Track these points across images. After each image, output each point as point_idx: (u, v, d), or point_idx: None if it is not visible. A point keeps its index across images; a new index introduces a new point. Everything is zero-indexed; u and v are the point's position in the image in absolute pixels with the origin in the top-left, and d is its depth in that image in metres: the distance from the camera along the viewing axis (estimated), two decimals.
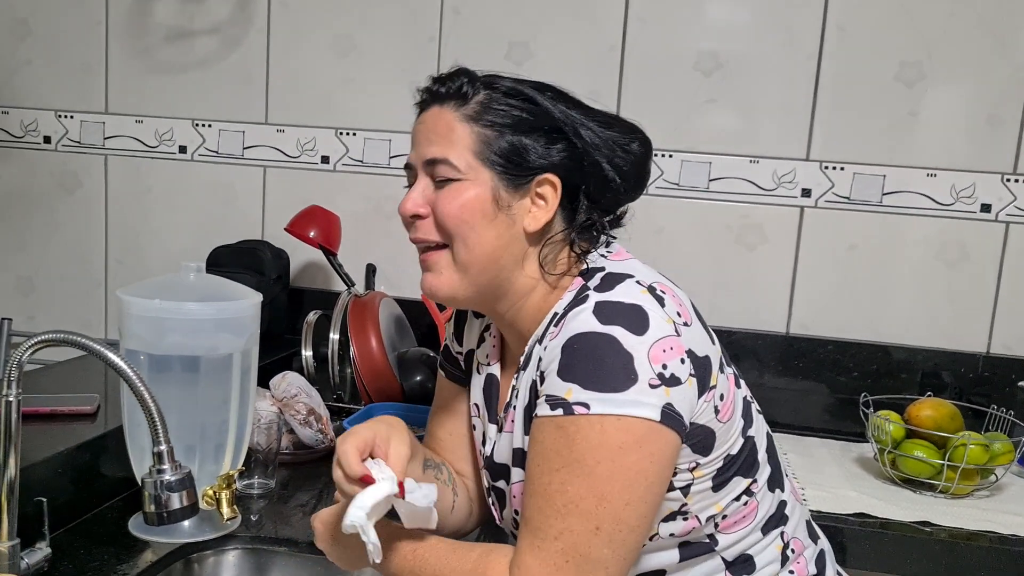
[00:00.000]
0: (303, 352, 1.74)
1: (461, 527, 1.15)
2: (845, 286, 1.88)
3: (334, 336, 1.69)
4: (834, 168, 1.86)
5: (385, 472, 0.89)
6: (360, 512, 0.87)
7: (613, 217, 1.03)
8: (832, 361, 1.88)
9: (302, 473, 1.49)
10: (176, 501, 0.90)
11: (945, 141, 1.82)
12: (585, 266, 0.98)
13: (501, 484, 1.03)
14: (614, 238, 1.03)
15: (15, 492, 0.97)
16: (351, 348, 1.66)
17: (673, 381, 0.85)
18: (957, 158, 1.82)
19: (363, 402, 1.67)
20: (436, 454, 1.16)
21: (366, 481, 0.88)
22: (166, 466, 0.90)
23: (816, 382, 1.88)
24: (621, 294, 0.89)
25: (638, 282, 0.91)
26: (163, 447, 0.90)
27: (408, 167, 1.01)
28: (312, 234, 1.79)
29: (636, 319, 0.86)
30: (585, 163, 0.96)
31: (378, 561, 0.91)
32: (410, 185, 0.99)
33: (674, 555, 0.95)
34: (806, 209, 1.88)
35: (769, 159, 1.88)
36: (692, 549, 0.95)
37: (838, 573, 1.08)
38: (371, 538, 0.88)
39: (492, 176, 0.94)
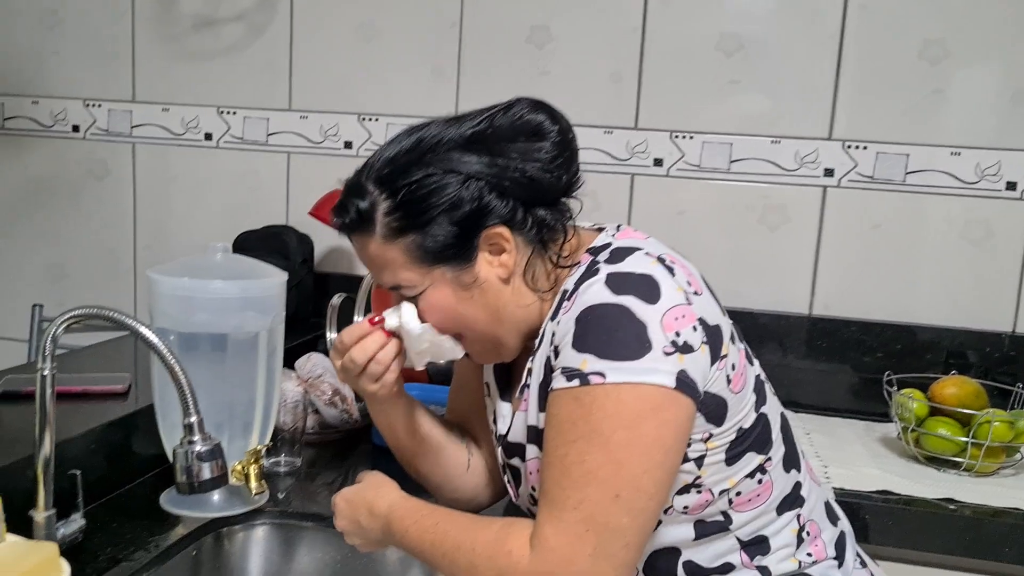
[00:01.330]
0: (328, 334, 1.75)
1: (478, 493, 1.16)
2: (869, 266, 1.88)
3: (358, 318, 1.70)
4: (857, 147, 1.85)
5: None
6: (403, 317, 0.98)
7: (566, 189, 0.99)
8: (856, 341, 1.87)
9: (328, 452, 1.52)
10: (206, 471, 0.92)
11: (970, 119, 1.81)
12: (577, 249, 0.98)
13: (516, 462, 1.04)
14: (579, 200, 1.01)
15: (51, 464, 1.00)
16: None
17: (686, 348, 0.86)
18: (982, 136, 1.80)
19: None
20: None
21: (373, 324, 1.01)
22: (196, 437, 0.92)
23: (840, 363, 1.88)
24: (631, 265, 0.90)
25: (647, 253, 0.92)
26: (193, 419, 0.92)
27: None
28: None
29: (647, 288, 0.87)
30: (507, 186, 0.93)
31: (460, 355, 1.02)
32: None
33: (688, 531, 0.95)
34: (829, 189, 1.87)
35: (791, 139, 1.87)
36: (706, 527, 0.95)
37: (858, 555, 1.07)
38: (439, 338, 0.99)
39: (444, 271, 0.95)
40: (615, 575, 0.86)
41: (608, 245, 0.95)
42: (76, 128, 2.20)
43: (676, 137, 1.92)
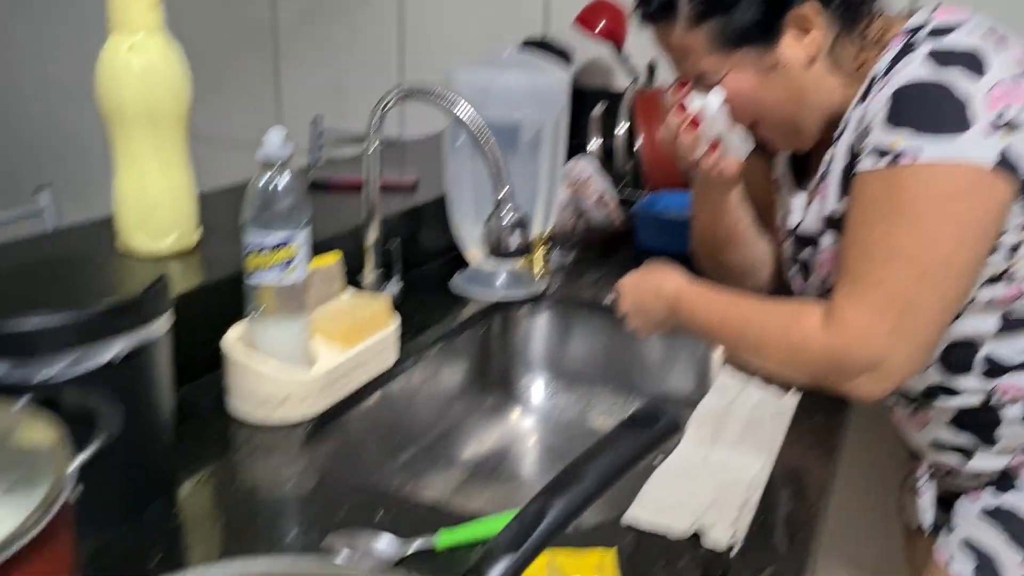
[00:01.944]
0: (590, 142, 1.79)
1: (763, 287, 1.19)
2: None
3: (622, 124, 1.73)
4: None
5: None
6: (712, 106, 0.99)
7: None
8: None
9: (594, 252, 1.59)
10: (515, 239, 1.00)
11: None
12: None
13: (807, 254, 1.04)
14: None
15: (379, 225, 1.13)
16: (638, 138, 1.69)
17: (1012, 127, 0.82)
18: None
19: (647, 190, 1.72)
20: None
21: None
22: (506, 208, 1.00)
23: None
24: (955, 40, 0.86)
25: (974, 28, 0.87)
26: (504, 191, 1.00)
27: None
28: (600, 27, 1.81)
29: (973, 63, 0.83)
30: None
31: (744, 155, 1.05)
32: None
33: (990, 324, 0.93)
34: None
35: None
36: (1013, 321, 0.92)
37: None
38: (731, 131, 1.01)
39: (745, 53, 0.94)
40: (910, 355, 0.87)
41: (926, 24, 0.91)
42: None
43: None
